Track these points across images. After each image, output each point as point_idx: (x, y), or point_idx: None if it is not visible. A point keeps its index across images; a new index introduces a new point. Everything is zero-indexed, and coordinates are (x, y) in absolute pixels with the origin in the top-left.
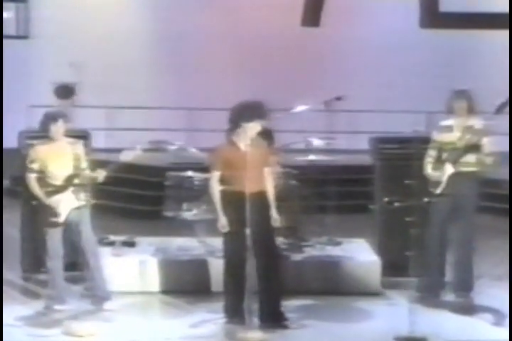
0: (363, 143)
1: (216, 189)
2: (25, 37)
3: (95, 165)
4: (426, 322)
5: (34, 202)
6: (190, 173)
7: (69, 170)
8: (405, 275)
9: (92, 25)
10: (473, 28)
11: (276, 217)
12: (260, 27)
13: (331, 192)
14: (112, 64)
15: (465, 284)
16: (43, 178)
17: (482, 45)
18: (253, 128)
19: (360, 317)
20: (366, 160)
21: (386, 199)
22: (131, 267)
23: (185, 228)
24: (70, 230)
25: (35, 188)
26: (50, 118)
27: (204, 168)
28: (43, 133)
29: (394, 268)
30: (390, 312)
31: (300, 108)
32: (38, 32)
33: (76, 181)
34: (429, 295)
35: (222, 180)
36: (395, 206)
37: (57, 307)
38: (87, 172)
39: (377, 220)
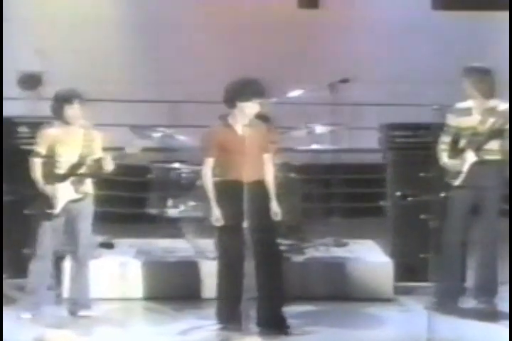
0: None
1: (209, 177)
2: None
3: None
4: (445, 330)
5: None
6: (176, 165)
7: (75, 158)
8: (420, 280)
9: (64, 10)
10: (487, 10)
11: (276, 210)
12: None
13: (336, 184)
14: (84, 52)
15: (488, 289)
16: (48, 164)
17: (497, 27)
18: (251, 108)
19: (371, 325)
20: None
21: (398, 193)
22: (110, 270)
23: (171, 227)
24: (65, 225)
25: (37, 173)
26: (62, 99)
27: (193, 158)
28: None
29: (408, 271)
30: (404, 320)
31: (298, 92)
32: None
33: (80, 171)
34: (448, 301)
35: (216, 168)
36: (409, 201)
37: (24, 315)
38: (100, 163)
39: (389, 218)
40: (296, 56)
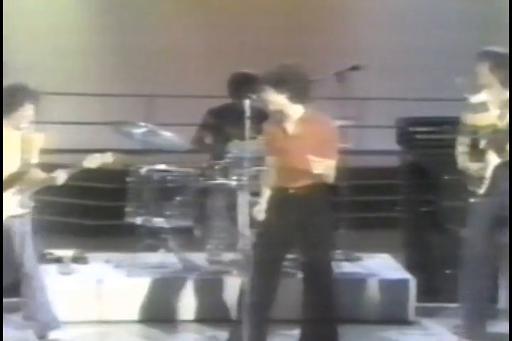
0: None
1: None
2: None
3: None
4: None
5: None
6: (162, 166)
7: (15, 165)
8: (446, 300)
9: None
10: None
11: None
12: None
13: (346, 190)
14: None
15: None
16: None
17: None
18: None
19: None
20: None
21: (419, 199)
22: (85, 289)
23: (154, 239)
24: (8, 244)
25: None
26: (12, 99)
27: (180, 159)
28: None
29: (431, 290)
30: None
31: None
32: None
33: (21, 181)
34: (477, 325)
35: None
36: (431, 208)
37: None
38: (40, 172)
39: (407, 228)
40: (296, 46)
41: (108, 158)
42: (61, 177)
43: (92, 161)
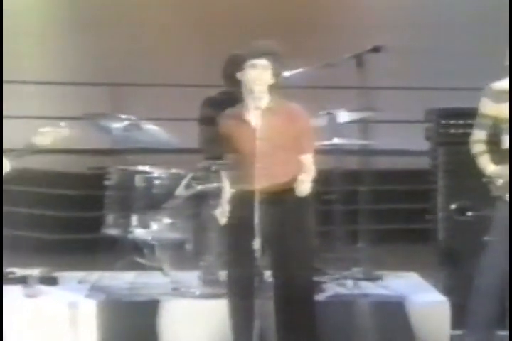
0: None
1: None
2: None
3: None
4: None
5: None
6: (146, 167)
7: None
8: None
9: None
10: None
11: None
12: None
13: (364, 194)
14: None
15: None
16: None
17: None
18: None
19: None
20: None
21: (453, 206)
22: (56, 313)
23: (137, 254)
24: None
25: None
26: None
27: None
28: None
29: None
30: None
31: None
32: None
33: None
34: None
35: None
36: (468, 217)
37: None
38: None
39: (439, 241)
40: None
41: (64, 132)
42: (5, 168)
43: (45, 136)
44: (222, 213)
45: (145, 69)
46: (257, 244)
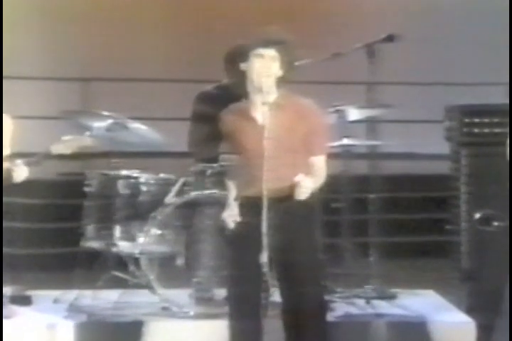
0: None
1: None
2: None
3: None
4: None
5: None
6: (132, 172)
7: None
8: None
9: None
10: None
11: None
12: None
13: (375, 202)
14: None
15: None
16: None
17: None
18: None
19: None
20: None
21: (478, 215)
22: (32, 336)
23: (122, 270)
24: None
25: None
26: None
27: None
28: None
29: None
30: None
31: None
32: None
33: None
34: None
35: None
36: (495, 227)
37: None
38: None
39: (462, 254)
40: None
41: (86, 141)
42: (20, 171)
43: (66, 145)
44: (230, 216)
45: (130, 63)
46: (264, 257)
